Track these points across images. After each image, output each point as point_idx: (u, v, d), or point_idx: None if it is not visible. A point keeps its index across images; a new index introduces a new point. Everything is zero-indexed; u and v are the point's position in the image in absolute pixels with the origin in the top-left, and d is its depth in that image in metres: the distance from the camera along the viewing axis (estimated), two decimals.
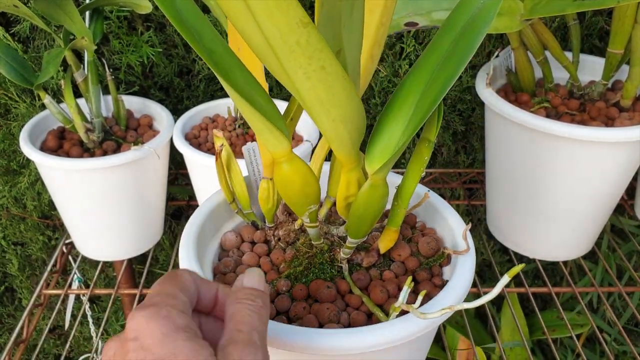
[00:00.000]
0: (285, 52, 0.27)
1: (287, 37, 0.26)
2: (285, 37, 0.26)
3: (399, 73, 0.87)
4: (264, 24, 0.26)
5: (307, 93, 0.30)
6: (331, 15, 0.28)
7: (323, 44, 0.27)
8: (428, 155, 0.38)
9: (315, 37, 0.26)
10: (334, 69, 0.28)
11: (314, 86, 0.29)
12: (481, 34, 0.32)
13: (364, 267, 0.44)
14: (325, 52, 0.27)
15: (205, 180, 0.74)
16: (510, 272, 0.32)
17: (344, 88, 0.30)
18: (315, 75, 0.28)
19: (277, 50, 0.27)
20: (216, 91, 0.90)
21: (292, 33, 0.26)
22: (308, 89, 0.29)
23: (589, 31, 0.86)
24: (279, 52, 0.27)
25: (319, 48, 0.27)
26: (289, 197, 0.39)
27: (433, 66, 0.34)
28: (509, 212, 0.74)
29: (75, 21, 0.65)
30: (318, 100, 0.30)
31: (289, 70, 0.28)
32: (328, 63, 0.28)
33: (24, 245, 1.01)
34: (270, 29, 0.26)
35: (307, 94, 0.30)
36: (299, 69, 0.28)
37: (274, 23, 0.26)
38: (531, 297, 0.72)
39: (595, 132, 0.60)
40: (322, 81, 0.29)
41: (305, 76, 0.28)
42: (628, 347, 0.96)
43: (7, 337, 1.10)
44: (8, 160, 0.89)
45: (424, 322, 0.37)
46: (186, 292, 0.30)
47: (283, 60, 0.28)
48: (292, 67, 0.28)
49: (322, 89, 0.29)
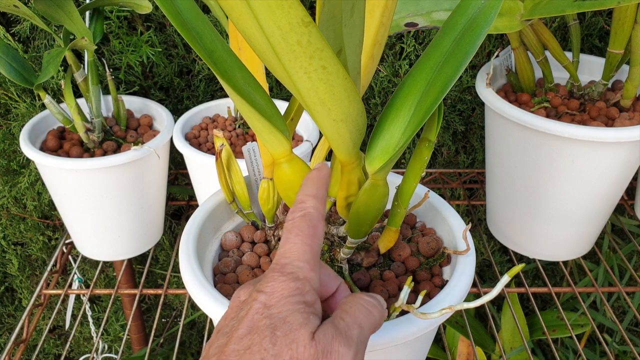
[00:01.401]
0: (286, 51, 0.27)
1: (288, 37, 0.26)
2: (286, 36, 0.26)
3: (399, 73, 0.87)
4: (265, 23, 0.26)
5: (308, 93, 0.30)
6: (332, 14, 0.28)
7: (324, 44, 0.27)
8: (428, 155, 0.38)
9: (317, 36, 0.26)
10: (335, 69, 0.28)
11: (314, 86, 0.29)
12: (482, 35, 0.32)
13: (364, 267, 0.44)
14: (326, 51, 0.27)
15: (205, 180, 0.74)
16: (511, 272, 0.32)
17: (345, 88, 0.30)
18: (316, 74, 0.28)
19: (278, 50, 0.27)
20: (216, 91, 0.90)
21: (293, 32, 0.26)
22: (309, 88, 0.29)
23: (589, 31, 0.86)
24: (280, 52, 0.27)
25: (320, 47, 0.27)
26: (289, 197, 0.39)
27: (434, 66, 0.34)
28: (509, 212, 0.74)
29: (75, 21, 0.65)
30: (319, 100, 0.30)
31: (289, 69, 0.28)
32: (329, 62, 0.28)
33: (24, 245, 1.01)
34: (271, 28, 0.26)
35: (308, 94, 0.30)
36: (299, 68, 0.28)
37: (275, 22, 0.26)
38: (531, 297, 0.72)
39: (595, 132, 0.60)
40: (323, 81, 0.29)
41: (306, 76, 0.28)
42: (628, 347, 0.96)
43: (7, 337, 1.10)
44: (8, 160, 0.89)
45: (424, 322, 0.37)
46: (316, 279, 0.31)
47: (284, 59, 0.28)
48: (293, 67, 0.28)
49: (323, 89, 0.29)
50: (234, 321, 0.29)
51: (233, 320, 0.29)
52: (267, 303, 0.28)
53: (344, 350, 0.28)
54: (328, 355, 0.27)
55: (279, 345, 0.26)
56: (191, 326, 1.14)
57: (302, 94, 0.30)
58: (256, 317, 0.28)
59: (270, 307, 0.28)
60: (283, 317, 0.27)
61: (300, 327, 0.27)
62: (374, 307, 0.31)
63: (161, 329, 1.13)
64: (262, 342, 0.26)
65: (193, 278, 0.40)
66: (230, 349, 0.27)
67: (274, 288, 0.29)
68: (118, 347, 1.10)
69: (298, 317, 0.27)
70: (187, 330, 1.13)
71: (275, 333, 0.27)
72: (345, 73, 0.29)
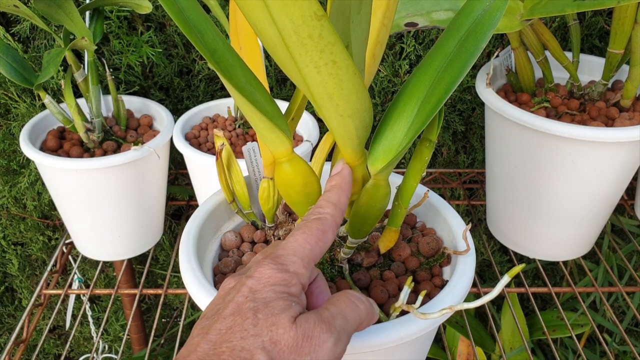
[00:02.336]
0: (297, 45, 0.27)
1: (300, 30, 0.26)
2: (298, 29, 0.26)
3: (399, 73, 0.87)
4: (277, 15, 0.26)
5: (317, 87, 0.30)
6: (341, 10, 0.28)
7: (335, 38, 0.27)
8: (429, 155, 0.38)
9: (329, 30, 0.26)
10: (345, 64, 0.28)
11: (324, 80, 0.29)
12: (487, 36, 0.32)
13: (364, 267, 0.44)
14: (338, 46, 0.27)
15: (205, 180, 0.74)
16: (511, 272, 0.32)
17: (354, 83, 0.30)
18: (326, 69, 0.28)
19: (289, 43, 0.27)
20: (216, 91, 0.90)
21: (305, 25, 0.26)
22: (318, 83, 0.29)
23: (589, 31, 0.86)
24: (291, 45, 0.27)
25: (332, 42, 0.27)
26: (290, 197, 0.39)
27: (438, 67, 0.34)
28: (509, 212, 0.74)
29: (75, 21, 0.65)
30: (327, 95, 0.30)
31: (300, 63, 0.28)
32: (339, 57, 0.28)
33: (24, 245, 1.01)
34: (283, 21, 0.26)
35: (317, 89, 0.30)
36: (310, 62, 0.28)
37: (287, 15, 0.26)
38: (531, 297, 0.72)
39: (595, 132, 0.60)
40: (332, 75, 0.29)
41: (316, 70, 0.28)
42: (628, 347, 0.96)
43: (7, 337, 1.10)
44: (8, 160, 0.89)
45: (424, 322, 0.37)
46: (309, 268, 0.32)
47: (294, 53, 0.28)
48: (303, 61, 0.28)
49: (332, 84, 0.29)
50: (220, 305, 0.30)
51: (219, 305, 0.30)
52: (253, 288, 0.30)
53: (325, 337, 0.29)
54: (309, 340, 0.28)
55: (259, 326, 0.28)
56: (191, 326, 1.14)
57: (310, 88, 0.30)
58: (241, 299, 0.29)
59: (255, 292, 0.29)
60: (266, 302, 0.29)
61: (282, 312, 0.28)
62: (361, 302, 0.32)
63: (161, 329, 1.13)
64: (244, 323, 0.28)
65: (193, 278, 0.40)
66: (214, 328, 0.28)
67: (262, 274, 0.30)
68: (118, 347, 1.10)
69: (280, 303, 0.29)
70: (187, 330, 1.13)
71: (257, 315, 0.28)
72: (355, 68, 0.29)
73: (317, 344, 0.28)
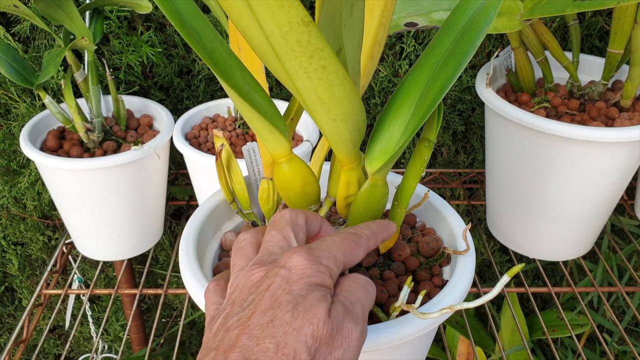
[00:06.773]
0: (286, 51, 0.27)
1: (288, 36, 0.26)
2: (286, 36, 0.26)
3: (399, 73, 0.87)
4: (264, 22, 0.26)
5: (308, 92, 0.30)
6: (331, 14, 0.28)
7: (324, 43, 0.27)
8: (428, 155, 0.38)
9: (316, 36, 0.26)
10: (335, 68, 0.28)
11: (314, 85, 0.29)
12: (481, 34, 0.32)
13: (364, 266, 0.44)
14: (326, 51, 0.27)
15: (205, 180, 0.74)
16: (510, 272, 0.32)
17: (345, 87, 0.30)
18: (316, 74, 0.28)
19: (277, 50, 0.27)
20: (216, 91, 0.90)
21: (293, 32, 0.26)
22: (308, 88, 0.29)
23: (589, 31, 0.86)
24: (280, 52, 0.27)
25: (320, 47, 0.27)
26: (289, 197, 0.39)
27: (433, 66, 0.34)
28: (509, 212, 0.74)
29: (75, 21, 0.65)
30: (319, 100, 0.30)
31: (289, 69, 0.28)
32: (329, 62, 0.28)
33: (24, 245, 1.01)
34: (271, 27, 0.26)
35: (308, 93, 0.30)
36: (299, 68, 0.28)
37: (275, 22, 0.26)
38: (531, 297, 0.72)
39: (595, 132, 0.60)
40: (322, 80, 0.29)
41: (306, 75, 0.28)
42: (628, 347, 0.96)
43: (7, 337, 1.10)
44: (8, 160, 0.89)
45: (424, 322, 0.37)
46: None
47: (284, 59, 0.28)
48: (292, 67, 0.28)
49: (323, 88, 0.29)
50: (253, 295, 0.30)
51: (252, 294, 0.30)
52: (288, 279, 0.30)
53: (352, 327, 0.29)
54: (340, 332, 0.29)
55: (300, 319, 0.28)
56: (191, 326, 1.14)
57: (301, 93, 0.30)
58: (278, 292, 0.29)
59: (291, 283, 0.29)
60: (304, 295, 0.29)
61: (320, 304, 0.29)
62: (371, 286, 0.33)
63: (161, 329, 1.13)
64: (285, 317, 0.28)
65: (193, 278, 0.40)
66: (254, 322, 0.28)
67: (296, 264, 0.30)
68: (118, 347, 1.10)
69: (317, 295, 0.29)
70: (187, 330, 1.13)
71: (297, 308, 0.28)
72: (345, 72, 0.29)
73: (346, 335, 0.29)
